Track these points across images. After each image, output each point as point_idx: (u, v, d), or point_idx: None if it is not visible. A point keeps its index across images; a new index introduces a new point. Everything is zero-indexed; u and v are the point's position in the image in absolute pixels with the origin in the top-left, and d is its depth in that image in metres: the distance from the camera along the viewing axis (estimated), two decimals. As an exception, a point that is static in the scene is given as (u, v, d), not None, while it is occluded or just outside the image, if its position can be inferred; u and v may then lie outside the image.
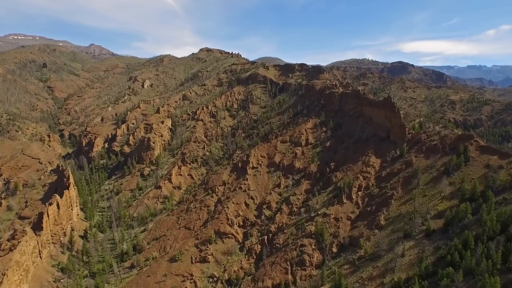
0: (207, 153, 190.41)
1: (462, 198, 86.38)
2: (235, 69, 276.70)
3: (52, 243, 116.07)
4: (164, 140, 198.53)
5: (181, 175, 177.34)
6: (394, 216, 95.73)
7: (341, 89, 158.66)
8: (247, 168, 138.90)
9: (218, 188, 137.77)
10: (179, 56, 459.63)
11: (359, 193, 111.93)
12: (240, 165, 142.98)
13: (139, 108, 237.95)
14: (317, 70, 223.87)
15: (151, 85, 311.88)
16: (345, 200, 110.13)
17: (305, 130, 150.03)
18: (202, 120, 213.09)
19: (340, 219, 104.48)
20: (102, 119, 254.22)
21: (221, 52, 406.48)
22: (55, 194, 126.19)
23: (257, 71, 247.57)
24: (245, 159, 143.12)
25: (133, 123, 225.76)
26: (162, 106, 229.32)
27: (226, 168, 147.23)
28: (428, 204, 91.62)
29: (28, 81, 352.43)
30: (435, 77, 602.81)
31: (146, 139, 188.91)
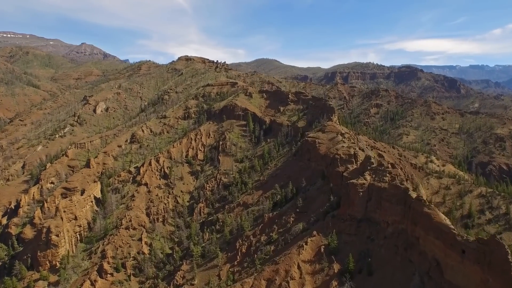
0: (145, 251, 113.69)
1: None
2: (209, 93, 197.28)
3: None
4: (80, 226, 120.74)
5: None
6: None
7: (368, 177, 78.93)
8: None
9: None
10: (179, 54, 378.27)
11: None
12: None
13: (66, 156, 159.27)
14: (320, 106, 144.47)
15: (107, 109, 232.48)
16: None
17: (298, 266, 72.08)
18: (146, 184, 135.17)
19: None
20: (23, 166, 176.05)
21: (203, 61, 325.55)
22: None
23: (235, 101, 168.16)
24: None
25: (51, 183, 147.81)
26: (96, 157, 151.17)
27: None
28: None
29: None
30: (447, 84, 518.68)
31: (45, 230, 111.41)
